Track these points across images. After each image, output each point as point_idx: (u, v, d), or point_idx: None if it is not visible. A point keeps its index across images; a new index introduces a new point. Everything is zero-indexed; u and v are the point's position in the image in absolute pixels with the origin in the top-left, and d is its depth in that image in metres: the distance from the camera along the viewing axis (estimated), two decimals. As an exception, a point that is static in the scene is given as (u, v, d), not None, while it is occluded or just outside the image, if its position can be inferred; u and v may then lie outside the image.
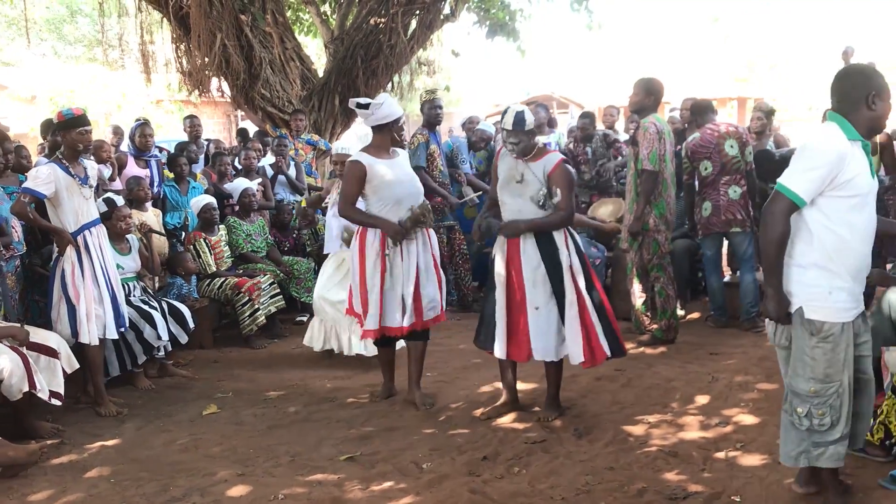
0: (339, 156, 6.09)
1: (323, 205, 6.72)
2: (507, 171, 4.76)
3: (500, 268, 4.75)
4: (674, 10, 35.22)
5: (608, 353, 4.70)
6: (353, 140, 6.36)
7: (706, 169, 6.73)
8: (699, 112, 7.05)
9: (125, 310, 5.65)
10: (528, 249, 4.68)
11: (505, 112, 4.75)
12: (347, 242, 5.75)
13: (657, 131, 6.13)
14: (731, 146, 6.65)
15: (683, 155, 6.95)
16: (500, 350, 4.78)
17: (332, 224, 6.32)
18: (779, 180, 3.27)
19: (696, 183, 6.93)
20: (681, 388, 5.33)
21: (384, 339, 5.22)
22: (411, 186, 5.03)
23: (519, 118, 4.64)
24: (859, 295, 3.37)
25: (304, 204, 6.79)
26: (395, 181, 4.94)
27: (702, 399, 5.11)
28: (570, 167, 4.78)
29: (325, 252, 6.55)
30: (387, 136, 5.03)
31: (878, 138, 7.33)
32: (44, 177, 5.13)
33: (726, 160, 6.63)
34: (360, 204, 5.04)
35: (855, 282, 3.33)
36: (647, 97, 6.23)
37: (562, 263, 4.66)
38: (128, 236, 6.13)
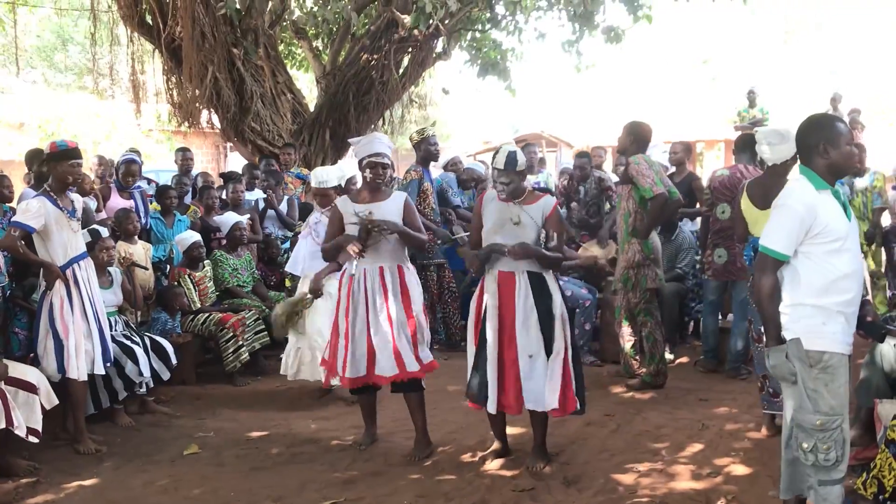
0: (317, 189, 6.21)
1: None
2: (499, 214, 4.68)
3: (492, 312, 4.61)
4: (664, 51, 35.60)
5: (578, 406, 4.66)
6: (334, 171, 6.34)
7: (723, 213, 6.58)
8: (740, 147, 6.79)
9: (111, 344, 5.55)
10: (523, 293, 4.58)
11: (497, 151, 4.71)
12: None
13: (647, 164, 6.14)
14: None
15: (707, 186, 6.86)
16: (492, 404, 4.59)
17: (302, 245, 6.35)
18: (760, 241, 3.46)
19: (710, 223, 6.74)
20: (671, 436, 5.26)
21: (359, 387, 5.05)
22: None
23: (511, 158, 4.61)
24: (851, 334, 3.43)
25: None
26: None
27: (692, 447, 5.03)
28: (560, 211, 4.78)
29: (286, 269, 6.44)
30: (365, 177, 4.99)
31: None
32: (34, 210, 5.06)
33: None
34: None
35: (847, 320, 3.40)
36: (628, 139, 6.31)
37: (554, 312, 4.60)
38: (110, 269, 6.04)
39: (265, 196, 8.73)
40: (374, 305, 4.87)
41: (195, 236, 7.23)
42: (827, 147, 3.38)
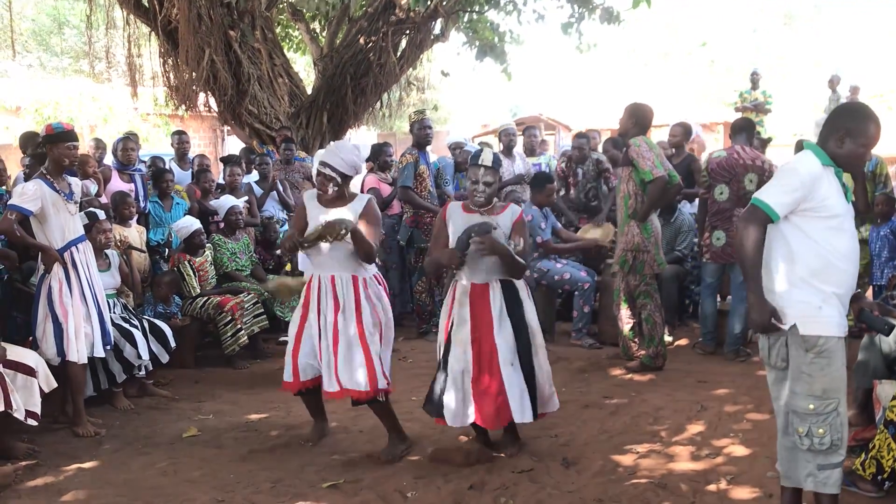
0: None
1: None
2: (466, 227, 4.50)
3: (465, 323, 4.48)
4: (663, 34, 35.48)
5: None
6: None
7: (721, 194, 6.62)
8: (735, 130, 6.87)
9: (110, 327, 5.54)
10: (497, 304, 4.48)
11: (481, 150, 4.58)
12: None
13: (647, 146, 6.13)
14: (751, 181, 6.50)
15: (704, 169, 6.87)
16: (466, 417, 4.45)
17: None
18: (755, 194, 3.43)
19: (708, 205, 6.78)
20: (670, 417, 5.27)
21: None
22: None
23: (496, 157, 4.53)
24: (845, 316, 3.40)
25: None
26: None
27: (691, 428, 5.05)
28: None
29: (300, 269, 6.34)
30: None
31: None
32: (30, 193, 5.03)
33: (742, 193, 6.50)
34: None
35: (841, 302, 3.37)
36: (629, 121, 6.30)
37: (528, 320, 4.55)
38: (108, 252, 6.02)
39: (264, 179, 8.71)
40: (326, 319, 4.62)
41: (196, 224, 7.13)
42: (845, 138, 3.35)
